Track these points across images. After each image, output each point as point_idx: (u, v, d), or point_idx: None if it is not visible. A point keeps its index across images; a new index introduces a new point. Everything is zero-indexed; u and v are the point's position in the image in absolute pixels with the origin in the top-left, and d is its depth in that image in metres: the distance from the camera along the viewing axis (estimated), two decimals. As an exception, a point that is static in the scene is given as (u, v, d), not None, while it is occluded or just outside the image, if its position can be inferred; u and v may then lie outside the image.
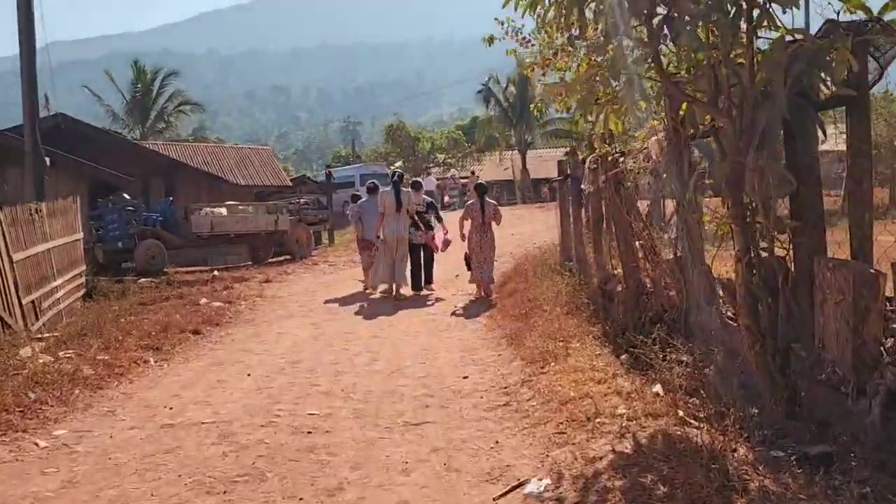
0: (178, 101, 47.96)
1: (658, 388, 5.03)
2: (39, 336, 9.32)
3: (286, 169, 48.67)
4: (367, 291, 12.51)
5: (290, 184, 28.27)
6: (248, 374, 6.98)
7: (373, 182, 13.33)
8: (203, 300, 11.64)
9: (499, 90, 43.63)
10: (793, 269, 4.41)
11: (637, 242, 7.01)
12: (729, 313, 5.43)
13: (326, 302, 11.83)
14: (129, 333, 8.96)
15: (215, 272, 16.00)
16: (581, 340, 6.84)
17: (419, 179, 13.20)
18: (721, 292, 5.76)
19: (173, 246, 16.96)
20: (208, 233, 17.47)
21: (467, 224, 11.53)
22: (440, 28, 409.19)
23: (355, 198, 14.52)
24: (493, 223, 11.74)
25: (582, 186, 9.09)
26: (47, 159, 14.40)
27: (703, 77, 4.82)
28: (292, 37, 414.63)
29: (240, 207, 19.04)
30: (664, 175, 6.26)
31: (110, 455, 4.77)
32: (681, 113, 5.73)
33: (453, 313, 10.42)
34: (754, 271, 4.49)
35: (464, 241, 11.59)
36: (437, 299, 11.82)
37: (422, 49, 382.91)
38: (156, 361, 7.63)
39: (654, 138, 6.26)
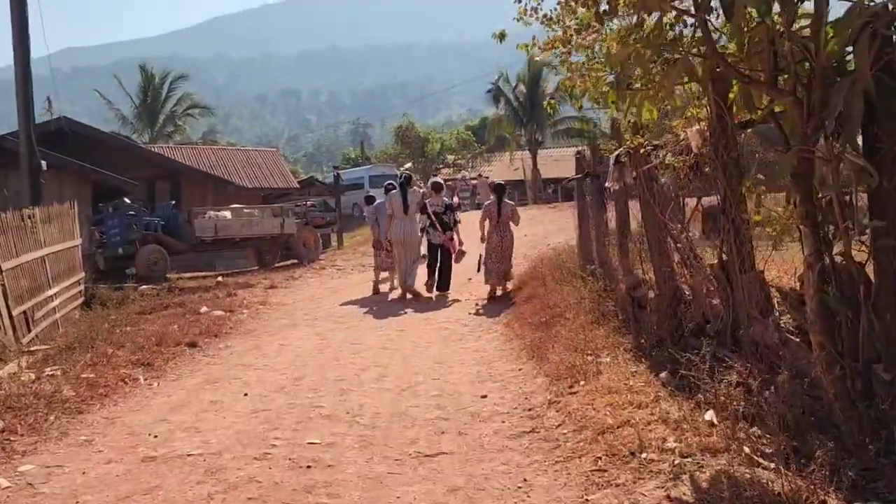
0: (187, 104, 47.83)
1: (711, 414, 4.35)
2: (31, 349, 8.76)
3: (296, 172, 48.25)
4: (379, 292, 12.45)
5: (298, 186, 27.67)
6: (245, 394, 6.34)
7: (391, 183, 13.17)
8: (203, 308, 11.04)
9: (508, 89, 42.90)
10: (874, 276, 3.73)
11: (674, 245, 6.32)
12: (789, 326, 4.76)
13: (333, 309, 11.20)
14: (123, 346, 8.37)
15: (219, 278, 15.43)
16: (612, 354, 6.17)
17: (439, 180, 12.87)
18: (776, 302, 5.11)
19: (176, 251, 16.41)
20: (212, 237, 16.89)
21: (486, 225, 11.40)
22: (448, 30, 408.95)
23: (370, 199, 14.05)
24: (511, 223, 11.54)
25: (606, 184, 8.40)
26: (43, 162, 13.85)
27: (760, 53, 4.16)
28: (301, 40, 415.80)
29: (245, 211, 18.46)
30: (706, 169, 5.59)
31: (79, 498, 4.13)
32: (730, 96, 5.08)
33: (468, 321, 9.77)
34: (828, 279, 3.82)
35: (483, 242, 11.42)
36: (451, 303, 11.29)
37: (430, 51, 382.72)
38: (146, 379, 6.99)
39: (694, 128, 5.58)
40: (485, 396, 5.94)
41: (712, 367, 4.87)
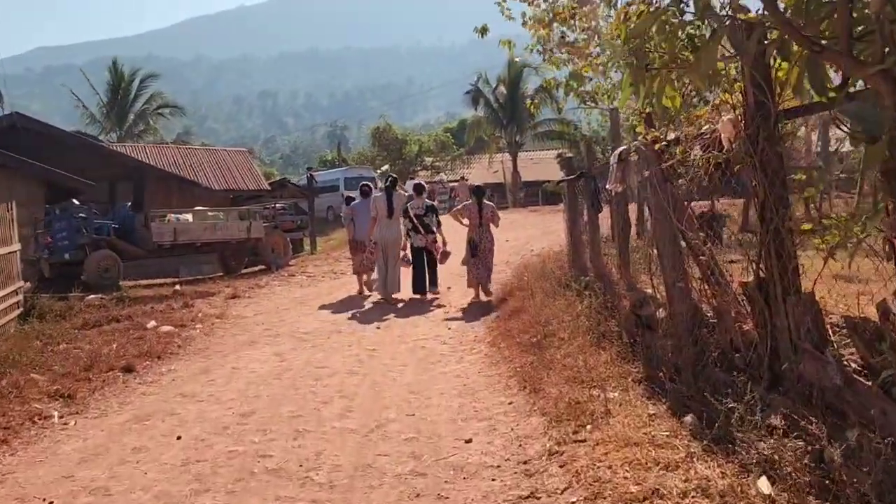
0: (158, 103, 46.35)
1: (763, 483, 3.35)
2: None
3: (271, 174, 46.94)
4: (363, 292, 12.34)
5: (269, 187, 26.45)
6: (178, 437, 5.22)
7: (367, 184, 13.26)
8: (151, 323, 9.89)
9: (488, 90, 41.95)
10: None
11: (693, 257, 5.32)
12: (855, 366, 3.79)
13: (298, 323, 10.08)
14: (50, 369, 7.23)
15: (177, 286, 14.24)
16: (620, 387, 5.16)
17: (421, 182, 12.81)
18: (832, 334, 4.14)
19: (132, 257, 15.17)
20: (171, 242, 15.66)
21: (465, 220, 11.46)
22: (428, 33, 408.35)
23: (349, 200, 13.63)
24: (492, 225, 11.56)
25: (607, 186, 7.40)
26: (-18, 159, 12.61)
27: (829, 15, 3.22)
28: (280, 42, 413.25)
29: (209, 213, 17.26)
30: (737, 167, 4.60)
31: None
32: (777, 75, 4.10)
33: (448, 337, 8.74)
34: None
35: (461, 223, 11.55)
36: (431, 309, 10.56)
37: (410, 53, 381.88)
38: (61, 417, 5.83)
39: (726, 117, 4.59)
40: (469, 441, 4.89)
41: (751, 409, 3.90)
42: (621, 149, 6.74)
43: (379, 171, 40.14)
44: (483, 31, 8.83)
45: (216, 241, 16.53)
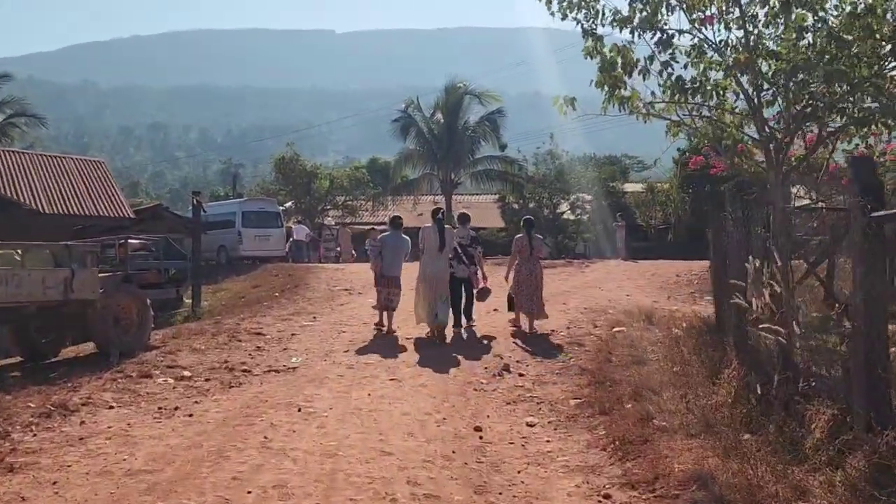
0: (11, 112, 37.51)
1: None
2: None
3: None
4: (382, 326, 11.16)
5: (134, 215, 18.67)
6: None
7: (398, 216, 11.93)
8: None
9: (421, 118, 35.62)
10: None
11: None
12: None
13: None
14: None
15: None
16: None
17: (466, 212, 11.94)
18: None
19: None
20: None
21: (515, 261, 11.29)
22: (328, 79, 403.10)
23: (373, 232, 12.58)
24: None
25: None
26: None
27: None
28: (175, 75, 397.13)
29: (-3, 253, 9.55)
30: None
31: None
32: None
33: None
34: None
35: (507, 281, 11.45)
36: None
37: (308, 96, 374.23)
38: None
39: None
40: None
41: None
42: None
43: (282, 208, 32.83)
44: None
45: (5, 306, 8.88)
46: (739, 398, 6.17)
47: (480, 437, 6.21)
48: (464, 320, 11.19)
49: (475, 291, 11.27)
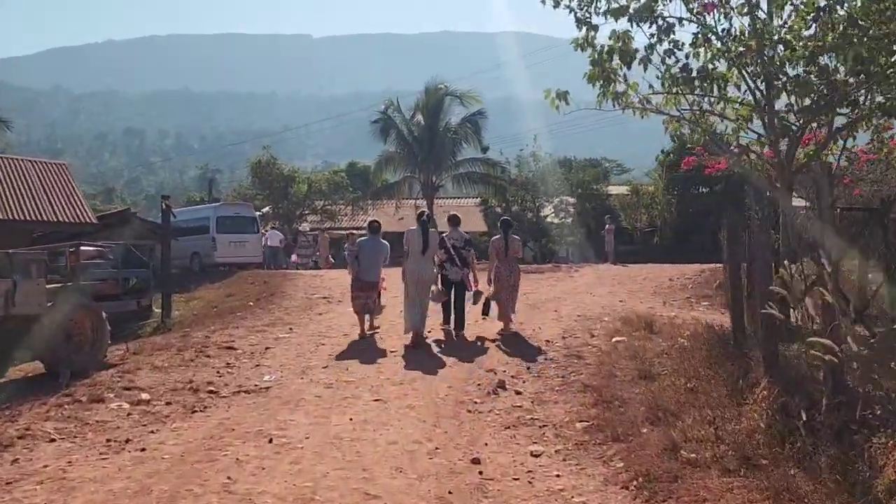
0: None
1: None
2: None
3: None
4: (364, 334, 10.78)
5: (96, 220, 17.59)
6: None
7: (375, 221, 11.62)
8: None
9: (401, 120, 34.73)
10: None
11: None
12: None
13: None
14: None
15: None
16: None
17: (457, 214, 11.41)
18: None
19: None
20: None
21: (495, 263, 11.16)
22: (307, 83, 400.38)
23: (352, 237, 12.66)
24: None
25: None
26: None
27: None
28: (151, 80, 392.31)
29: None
30: None
31: None
32: None
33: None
34: None
35: (490, 285, 11.11)
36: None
37: (287, 101, 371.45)
38: None
39: None
40: None
41: None
42: None
43: (260, 213, 31.79)
44: None
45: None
46: (774, 424, 5.39)
47: (480, 473, 5.36)
48: (453, 323, 10.88)
49: (470, 294, 11.00)
